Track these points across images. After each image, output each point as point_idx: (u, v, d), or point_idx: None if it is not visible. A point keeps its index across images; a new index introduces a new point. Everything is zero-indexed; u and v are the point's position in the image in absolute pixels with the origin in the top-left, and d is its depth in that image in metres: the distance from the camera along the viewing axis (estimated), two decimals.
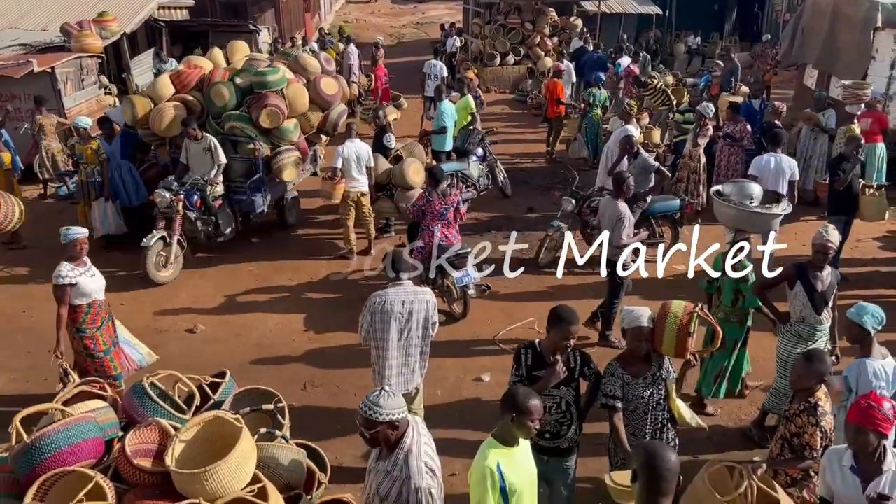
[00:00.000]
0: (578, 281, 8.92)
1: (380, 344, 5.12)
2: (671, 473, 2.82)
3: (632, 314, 4.36)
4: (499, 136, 12.86)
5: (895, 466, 3.51)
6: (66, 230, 5.83)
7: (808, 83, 12.87)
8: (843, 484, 3.58)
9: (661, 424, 4.39)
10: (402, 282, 5.14)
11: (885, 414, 3.44)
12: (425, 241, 7.74)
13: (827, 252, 5.48)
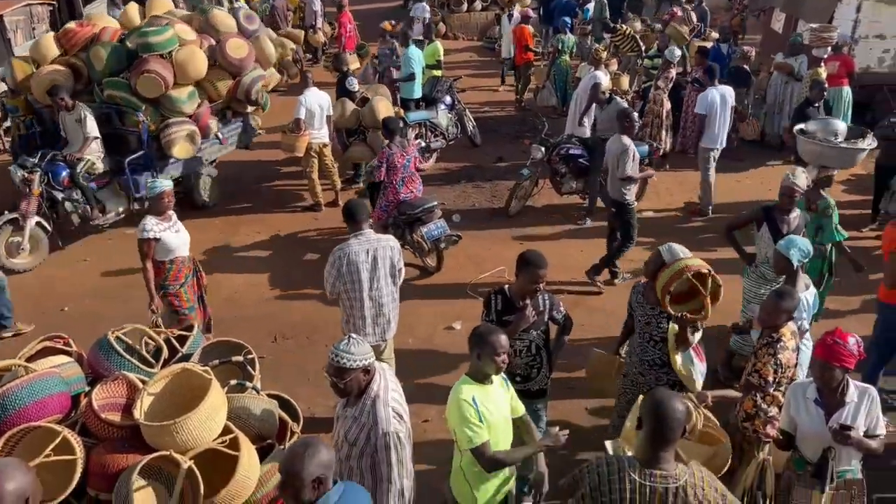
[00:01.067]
0: (549, 229, 8.94)
1: (350, 295, 5.09)
2: (677, 422, 2.78)
3: (669, 245, 4.56)
4: (467, 83, 12.68)
5: (857, 398, 3.62)
6: (152, 183, 5.63)
7: (775, 27, 12.83)
8: (808, 416, 3.68)
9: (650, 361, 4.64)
10: (363, 231, 5.10)
11: (850, 350, 3.52)
12: (389, 198, 7.60)
13: (793, 195, 5.54)
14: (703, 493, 2.73)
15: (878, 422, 3.66)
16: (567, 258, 8.15)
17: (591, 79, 9.46)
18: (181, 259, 5.71)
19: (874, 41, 10.97)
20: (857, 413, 3.61)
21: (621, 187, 7.17)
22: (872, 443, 3.62)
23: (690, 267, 4.36)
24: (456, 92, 11.38)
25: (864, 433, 3.61)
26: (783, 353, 4.17)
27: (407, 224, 7.65)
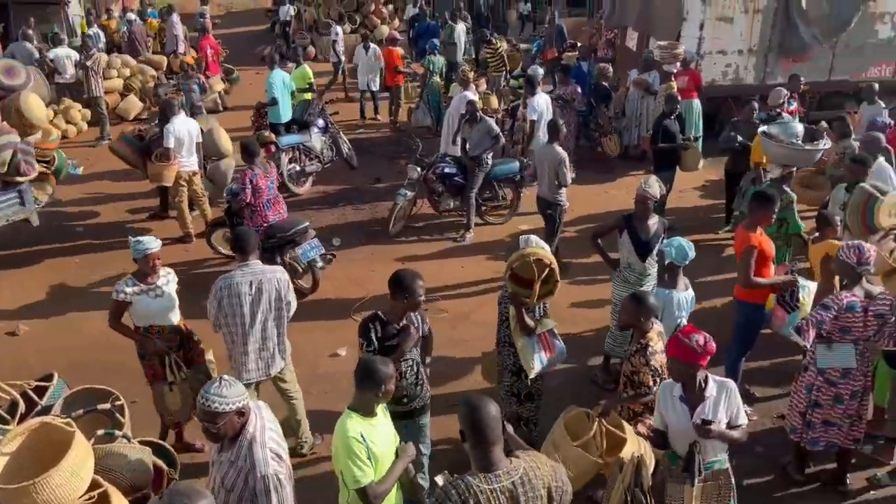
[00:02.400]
0: (430, 247, 9.02)
1: (232, 329, 4.90)
2: (494, 421, 2.88)
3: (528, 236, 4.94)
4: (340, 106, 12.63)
5: (716, 392, 3.82)
6: (136, 242, 4.94)
7: (629, 45, 13.60)
8: (675, 413, 3.86)
9: (502, 339, 5.12)
10: (248, 262, 4.94)
11: (698, 346, 3.69)
12: (257, 222, 7.39)
13: (646, 202, 5.84)
14: (539, 471, 2.89)
15: (739, 412, 3.86)
16: (449, 274, 8.26)
17: (461, 98, 9.66)
18: (158, 328, 5.06)
19: (717, 56, 11.84)
20: (718, 406, 3.80)
21: (556, 191, 7.75)
22: (734, 433, 3.82)
23: (535, 254, 4.67)
24: (329, 114, 11.29)
25: (727, 424, 3.81)
26: (654, 358, 4.37)
27: (278, 247, 7.51)
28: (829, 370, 4.74)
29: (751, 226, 5.58)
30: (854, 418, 4.83)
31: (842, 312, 4.58)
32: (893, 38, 12.18)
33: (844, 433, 4.86)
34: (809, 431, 4.90)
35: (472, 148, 9.07)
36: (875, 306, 4.57)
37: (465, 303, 7.70)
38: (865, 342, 4.66)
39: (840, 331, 4.62)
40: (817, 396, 4.82)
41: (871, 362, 4.78)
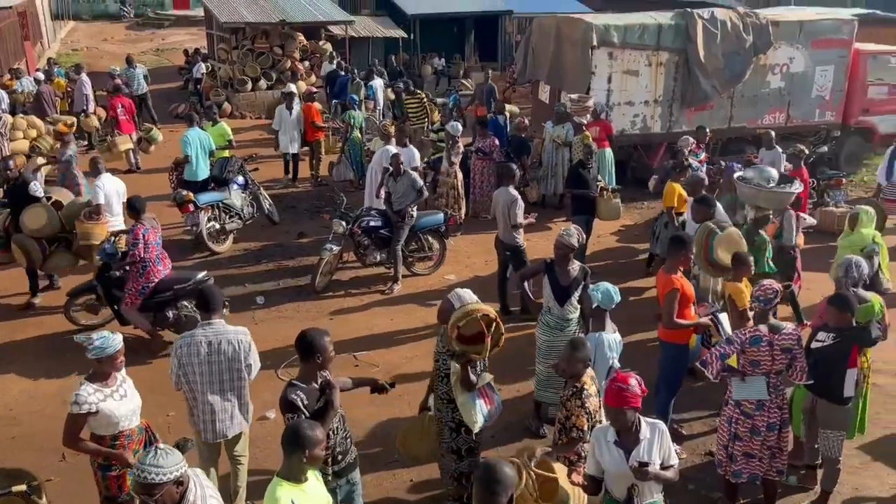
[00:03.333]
0: (359, 301, 8.95)
1: (193, 388, 4.77)
2: (503, 487, 2.94)
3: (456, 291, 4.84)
4: (260, 162, 12.49)
5: (649, 434, 3.91)
6: (101, 339, 4.24)
7: (542, 98, 14.11)
8: (611, 458, 3.92)
9: (441, 396, 4.95)
10: (212, 321, 4.82)
11: (633, 391, 3.81)
12: (149, 277, 7.32)
13: (565, 249, 6.02)
14: None
15: (670, 452, 3.96)
16: (379, 327, 8.21)
17: (384, 152, 9.77)
18: (128, 432, 4.43)
19: (625, 107, 12.42)
20: (651, 448, 3.89)
21: (513, 233, 7.95)
22: (668, 473, 3.91)
23: (480, 310, 4.65)
24: (248, 171, 11.17)
25: (660, 465, 3.90)
26: (589, 401, 4.45)
27: (172, 301, 7.47)
28: (745, 402, 4.95)
29: (671, 269, 5.81)
30: (775, 450, 5.02)
31: (746, 347, 4.82)
32: (783, 88, 13.13)
33: (766, 465, 5.04)
34: (732, 464, 5.07)
35: (396, 201, 9.14)
36: (780, 341, 4.82)
37: (395, 355, 7.64)
38: (777, 375, 4.89)
39: (750, 364, 4.85)
40: (736, 429, 5.01)
41: (785, 396, 4.99)
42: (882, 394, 6.82)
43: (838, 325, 5.02)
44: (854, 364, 5.04)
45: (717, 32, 12.32)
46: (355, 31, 22.06)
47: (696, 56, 12.22)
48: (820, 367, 5.07)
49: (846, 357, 5.00)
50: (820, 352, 5.09)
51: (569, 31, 12.58)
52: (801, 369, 4.90)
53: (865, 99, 13.74)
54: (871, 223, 7.03)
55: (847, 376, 5.02)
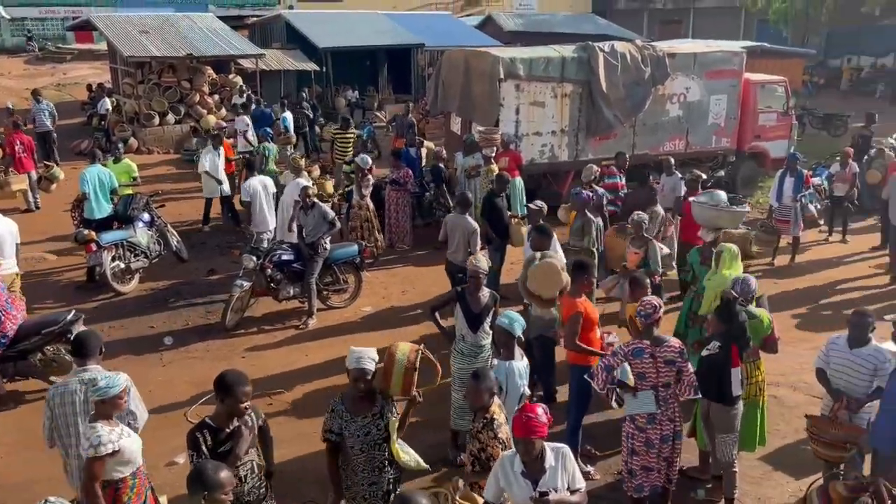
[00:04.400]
0: (272, 337, 8.77)
1: (65, 441, 4.53)
2: None
3: (354, 354, 4.35)
4: (167, 198, 12.15)
5: (554, 461, 3.94)
6: (107, 379, 4.13)
7: (454, 129, 14.33)
8: (518, 488, 3.92)
9: (379, 464, 4.42)
10: (87, 367, 4.59)
11: (541, 420, 3.85)
12: (6, 326, 6.85)
13: (478, 277, 6.11)
14: None
15: (575, 476, 4.00)
16: (294, 364, 8.06)
17: (295, 185, 9.68)
18: (140, 469, 4.34)
19: (533, 137, 12.75)
20: (556, 474, 3.92)
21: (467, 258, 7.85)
22: (573, 498, 3.93)
23: (413, 350, 4.50)
24: (154, 208, 10.83)
25: (568, 488, 3.94)
26: (501, 430, 4.46)
27: (39, 347, 7.05)
28: (637, 416, 5.11)
29: (575, 293, 5.97)
30: (669, 460, 5.20)
31: (630, 359, 5.01)
32: (681, 117, 13.79)
33: (663, 476, 5.21)
34: (633, 479, 5.21)
35: (308, 234, 9.05)
36: (662, 353, 5.02)
37: (311, 392, 7.50)
38: (665, 388, 5.06)
39: (638, 377, 5.02)
40: (632, 444, 5.17)
41: (675, 408, 5.14)
42: (780, 405, 7.16)
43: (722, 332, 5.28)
44: (737, 363, 5.28)
45: (617, 64, 12.86)
46: (266, 65, 21.91)
47: (598, 87, 12.71)
48: (709, 373, 5.31)
49: (729, 358, 5.24)
50: (709, 359, 5.33)
51: (477, 63, 12.87)
52: (688, 384, 5.07)
53: (757, 125, 14.59)
54: (732, 262, 6.86)
55: (733, 375, 5.26)
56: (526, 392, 5.28)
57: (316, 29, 24.26)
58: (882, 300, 9.60)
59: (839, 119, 22.06)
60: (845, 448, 5.21)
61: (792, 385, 7.51)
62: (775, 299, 9.66)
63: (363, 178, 11.11)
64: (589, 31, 27.70)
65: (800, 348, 8.38)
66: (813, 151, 16.71)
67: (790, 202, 11.00)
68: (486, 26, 29.68)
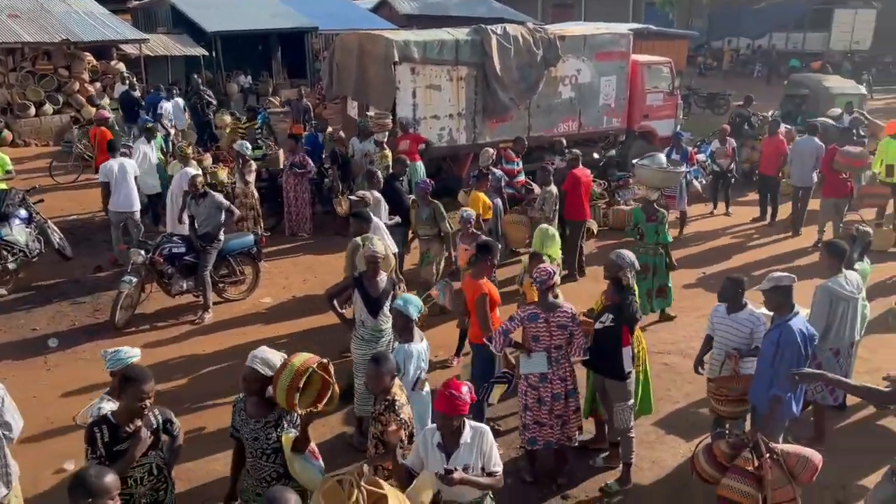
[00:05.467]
0: (167, 334, 8.44)
1: None
2: None
3: (252, 352, 4.22)
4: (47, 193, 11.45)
5: (471, 438, 4.01)
6: (114, 353, 4.54)
7: (351, 113, 14.14)
8: (432, 459, 4.00)
9: (267, 475, 4.21)
10: None
11: (464, 399, 3.92)
12: None
13: (376, 261, 6.07)
14: None
15: (492, 457, 4.05)
16: (191, 361, 7.80)
17: (183, 175, 9.31)
18: None
19: (432, 121, 12.75)
20: (471, 452, 3.99)
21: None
22: (483, 479, 3.98)
23: (310, 360, 4.18)
24: (32, 203, 10.16)
25: (481, 468, 4.00)
26: (403, 411, 4.47)
27: None
28: (530, 376, 5.46)
29: (478, 275, 6.04)
30: (564, 418, 5.53)
31: (526, 323, 5.35)
32: (574, 98, 14.12)
33: (558, 432, 5.54)
34: (526, 432, 5.54)
35: (201, 224, 8.73)
36: (555, 318, 5.33)
37: (208, 389, 7.27)
38: (557, 350, 5.39)
39: (532, 339, 5.36)
40: (525, 400, 5.51)
41: (567, 369, 5.49)
42: (671, 372, 7.51)
43: (615, 303, 5.48)
44: (627, 343, 5.52)
45: (510, 47, 13.02)
46: (151, 50, 20.92)
47: (492, 70, 12.83)
48: (602, 349, 5.54)
49: (619, 337, 5.48)
50: (602, 333, 5.54)
51: (371, 47, 12.74)
52: (578, 346, 5.43)
53: (645, 105, 15.15)
54: (545, 242, 7.24)
55: (623, 354, 5.50)
56: (422, 376, 5.30)
57: (203, 12, 23.30)
58: (765, 266, 10.19)
59: (721, 98, 23.28)
60: (746, 401, 5.51)
61: (682, 352, 7.88)
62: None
63: (245, 166, 10.74)
64: (483, 14, 27.97)
65: (689, 317, 8.82)
66: (698, 129, 17.57)
67: None
68: (381, 9, 29.49)
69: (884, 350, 7.56)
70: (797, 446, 5.05)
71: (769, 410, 5.06)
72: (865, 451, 5.99)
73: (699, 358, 5.98)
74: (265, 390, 4.18)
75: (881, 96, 26.81)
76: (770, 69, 31.82)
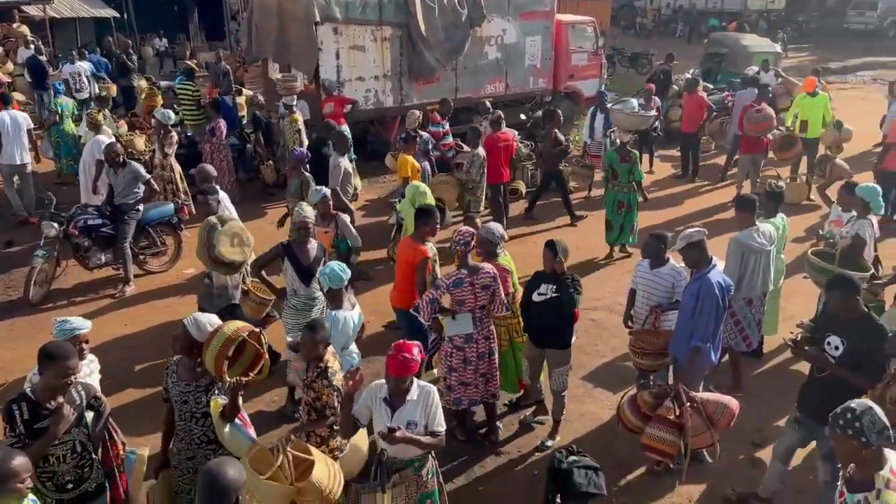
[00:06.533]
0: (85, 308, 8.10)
1: None
2: (227, 491, 2.78)
3: (191, 316, 4.21)
4: None
5: (417, 396, 4.05)
6: (61, 322, 4.47)
7: (273, 76, 13.71)
8: (378, 414, 4.05)
9: (197, 438, 4.18)
10: None
11: (416, 360, 3.94)
12: None
13: (307, 227, 5.96)
14: None
15: (437, 418, 4.09)
16: (113, 336, 7.52)
17: (94, 143, 8.88)
18: None
19: (357, 83, 12.49)
20: (416, 409, 4.03)
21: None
22: (426, 439, 4.01)
23: (241, 329, 4.14)
24: None
25: (425, 427, 4.04)
26: (335, 378, 4.44)
27: None
28: (455, 337, 5.46)
29: (419, 238, 5.99)
30: (487, 376, 5.58)
31: (451, 289, 5.33)
32: (500, 59, 14.08)
33: (482, 390, 5.60)
34: (451, 394, 5.55)
35: (119, 195, 8.37)
36: (479, 279, 5.36)
37: (132, 364, 7.04)
38: (481, 310, 5.43)
39: (458, 304, 5.36)
40: (450, 362, 5.52)
41: (490, 328, 5.56)
42: (598, 328, 7.69)
43: (553, 270, 5.53)
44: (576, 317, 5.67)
45: (434, 6, 12.81)
46: (56, 12, 19.75)
47: (417, 30, 12.63)
48: (544, 322, 5.61)
49: (562, 312, 5.53)
50: (542, 306, 5.55)
51: (290, 6, 12.31)
52: (500, 303, 5.44)
53: (570, 66, 15.24)
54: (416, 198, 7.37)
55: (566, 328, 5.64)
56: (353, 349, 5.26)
57: None
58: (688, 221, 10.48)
59: (645, 57, 23.62)
60: (665, 354, 5.68)
61: (608, 308, 8.07)
62: (591, 229, 10.33)
63: (166, 136, 10.16)
64: None
65: (616, 273, 9.05)
66: (623, 89, 17.82)
67: (601, 138, 11.68)
68: None
69: (795, 298, 7.91)
70: (716, 394, 5.28)
71: (689, 361, 5.23)
72: (780, 394, 6.31)
73: (627, 313, 6.12)
74: (197, 354, 4.15)
75: (795, 54, 27.76)
76: (691, 28, 32.44)
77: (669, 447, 4.90)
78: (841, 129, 12.06)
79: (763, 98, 11.76)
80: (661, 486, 5.39)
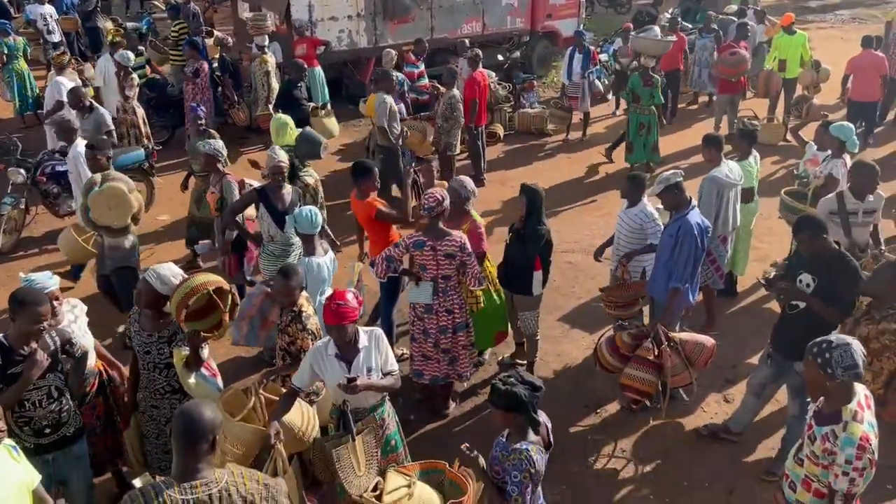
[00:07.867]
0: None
1: None
2: (202, 432, 2.74)
3: (152, 268, 4.19)
4: None
5: (367, 342, 4.02)
6: (26, 280, 4.20)
7: (243, 17, 13.30)
8: (331, 371, 3.97)
9: (160, 387, 4.27)
10: None
11: (351, 305, 3.88)
12: None
13: (281, 171, 5.85)
14: (245, 488, 2.79)
15: (388, 358, 4.10)
16: (84, 285, 7.42)
17: (56, 85, 8.60)
18: None
19: (330, 23, 12.14)
20: (371, 354, 4.02)
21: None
22: (384, 381, 4.03)
23: (209, 283, 4.13)
24: None
25: (380, 369, 4.05)
26: (310, 322, 4.44)
27: None
28: (417, 306, 5.23)
29: (363, 195, 5.83)
30: (452, 354, 5.30)
31: (412, 250, 5.08)
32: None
33: (446, 367, 5.33)
34: (413, 364, 5.42)
35: (88, 140, 8.12)
36: (442, 246, 5.01)
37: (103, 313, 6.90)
38: (445, 280, 5.11)
39: (420, 267, 5.13)
40: (412, 330, 5.35)
41: (454, 301, 5.20)
42: (575, 270, 7.73)
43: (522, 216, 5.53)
44: (539, 268, 5.58)
45: None
46: None
47: None
48: (510, 270, 5.66)
49: (529, 264, 5.54)
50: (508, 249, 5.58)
51: None
52: (473, 275, 5.13)
53: (548, 5, 14.91)
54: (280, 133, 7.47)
55: (535, 278, 5.59)
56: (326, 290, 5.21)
57: None
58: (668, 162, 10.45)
59: None
60: (637, 303, 5.74)
61: (584, 250, 8.08)
62: (569, 173, 10.31)
63: (126, 78, 9.62)
64: None
65: (592, 216, 9.05)
66: (601, 29, 17.55)
67: (579, 79, 11.53)
68: None
69: (770, 238, 7.99)
70: (693, 334, 5.36)
71: (668, 301, 5.27)
72: (754, 332, 6.43)
73: (601, 247, 6.13)
74: (160, 305, 4.19)
75: None
76: None
77: (648, 387, 4.99)
78: (819, 69, 11.99)
79: (741, 38, 11.64)
80: (635, 423, 5.51)
